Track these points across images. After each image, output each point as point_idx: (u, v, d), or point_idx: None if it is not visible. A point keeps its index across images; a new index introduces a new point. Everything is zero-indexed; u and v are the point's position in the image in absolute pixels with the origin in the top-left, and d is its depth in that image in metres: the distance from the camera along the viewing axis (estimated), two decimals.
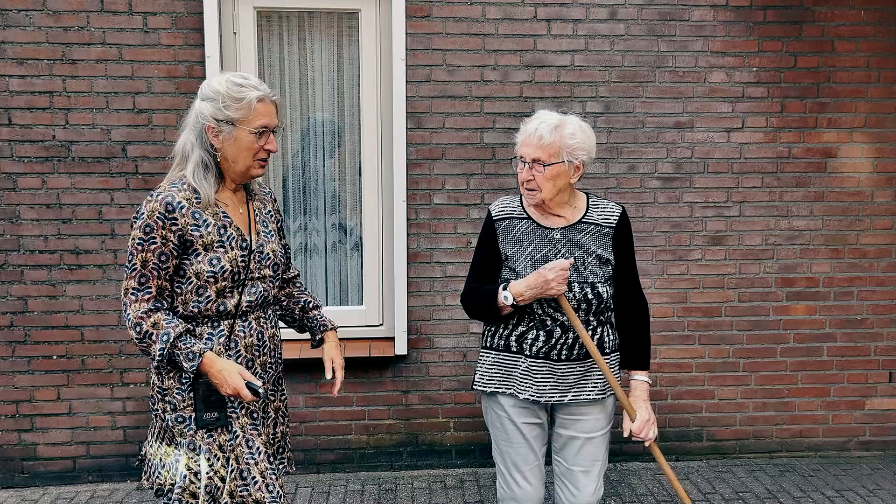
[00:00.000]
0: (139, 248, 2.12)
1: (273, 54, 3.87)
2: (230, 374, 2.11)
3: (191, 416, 2.21)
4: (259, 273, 2.25)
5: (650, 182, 3.93)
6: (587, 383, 2.43)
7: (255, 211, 2.32)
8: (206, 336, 2.20)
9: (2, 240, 3.67)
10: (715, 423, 4.12)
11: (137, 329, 2.12)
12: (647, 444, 2.43)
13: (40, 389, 3.77)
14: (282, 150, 3.91)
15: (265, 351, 2.29)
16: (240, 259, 2.20)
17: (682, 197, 3.96)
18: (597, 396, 2.43)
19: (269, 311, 2.34)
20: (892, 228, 4.06)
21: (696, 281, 4.01)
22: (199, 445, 2.21)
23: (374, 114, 3.85)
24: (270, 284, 2.30)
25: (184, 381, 2.19)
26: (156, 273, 2.14)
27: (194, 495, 2.21)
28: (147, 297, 2.14)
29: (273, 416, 2.38)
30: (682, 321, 4.02)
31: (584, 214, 2.44)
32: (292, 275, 2.52)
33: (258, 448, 2.25)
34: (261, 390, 2.14)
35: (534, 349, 2.39)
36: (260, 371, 2.28)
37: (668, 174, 3.94)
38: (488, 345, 2.48)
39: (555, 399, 2.41)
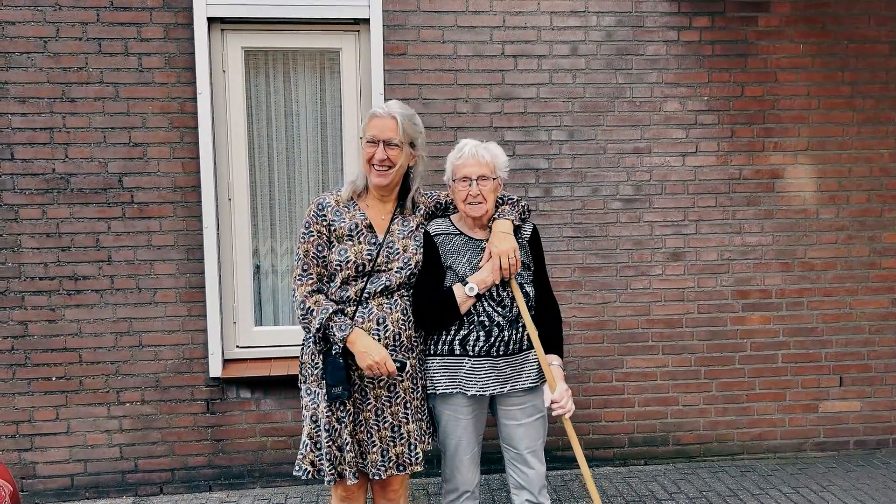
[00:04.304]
0: (302, 240, 2.60)
1: (260, 90, 4.14)
2: (375, 348, 2.51)
3: (316, 391, 2.60)
4: (387, 266, 2.61)
5: (613, 203, 4.24)
6: (521, 374, 2.75)
7: (398, 216, 2.70)
8: None
9: (3, 268, 3.86)
10: (680, 429, 4.39)
11: (302, 306, 2.55)
12: (566, 415, 2.69)
13: (39, 410, 3.94)
14: (268, 179, 4.17)
15: (387, 334, 2.60)
16: (366, 252, 2.58)
17: (642, 217, 4.26)
18: (531, 385, 2.75)
19: (395, 297, 2.63)
20: (836, 243, 4.39)
21: (657, 294, 4.30)
22: (319, 417, 2.58)
23: (356, 144, 4.13)
24: (397, 276, 2.62)
25: (319, 349, 2.58)
26: (315, 262, 2.58)
27: (313, 463, 2.62)
28: (310, 281, 2.58)
29: (402, 394, 2.65)
30: (646, 332, 4.30)
31: None
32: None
33: (384, 418, 2.62)
34: (408, 364, 2.57)
35: (476, 349, 2.70)
36: None
37: (629, 196, 4.25)
38: (433, 352, 2.76)
39: (496, 391, 2.72)
